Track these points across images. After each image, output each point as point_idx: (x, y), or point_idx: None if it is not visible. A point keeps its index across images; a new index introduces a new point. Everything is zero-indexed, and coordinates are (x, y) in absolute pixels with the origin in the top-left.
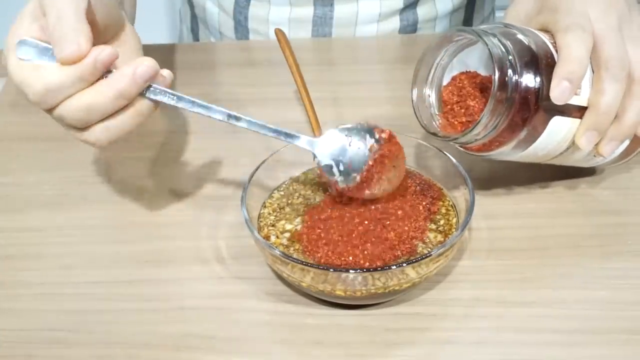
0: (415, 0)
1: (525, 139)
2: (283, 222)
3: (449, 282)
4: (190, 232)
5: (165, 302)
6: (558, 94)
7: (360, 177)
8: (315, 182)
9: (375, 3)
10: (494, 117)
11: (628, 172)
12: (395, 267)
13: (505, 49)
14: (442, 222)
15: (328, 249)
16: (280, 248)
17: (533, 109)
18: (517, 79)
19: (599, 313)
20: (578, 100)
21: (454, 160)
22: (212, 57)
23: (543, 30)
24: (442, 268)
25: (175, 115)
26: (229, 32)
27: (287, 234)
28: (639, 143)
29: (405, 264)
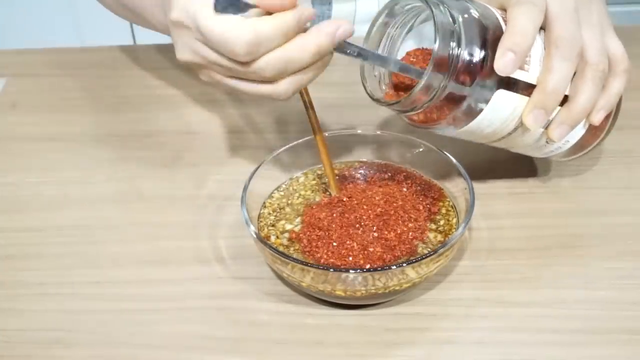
0: None
1: (469, 111)
2: (283, 222)
3: (449, 282)
4: (190, 232)
5: (165, 302)
6: (501, 65)
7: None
8: (315, 182)
9: (373, 2)
10: (434, 82)
11: (628, 172)
12: (396, 267)
13: (452, 18)
14: (442, 222)
15: (328, 249)
16: (280, 248)
17: (477, 80)
18: (460, 47)
19: (600, 313)
20: (526, 77)
21: (454, 160)
22: None
23: (501, 9)
24: (442, 268)
25: (176, 116)
26: None
27: (287, 234)
28: (595, 136)
29: (406, 264)
